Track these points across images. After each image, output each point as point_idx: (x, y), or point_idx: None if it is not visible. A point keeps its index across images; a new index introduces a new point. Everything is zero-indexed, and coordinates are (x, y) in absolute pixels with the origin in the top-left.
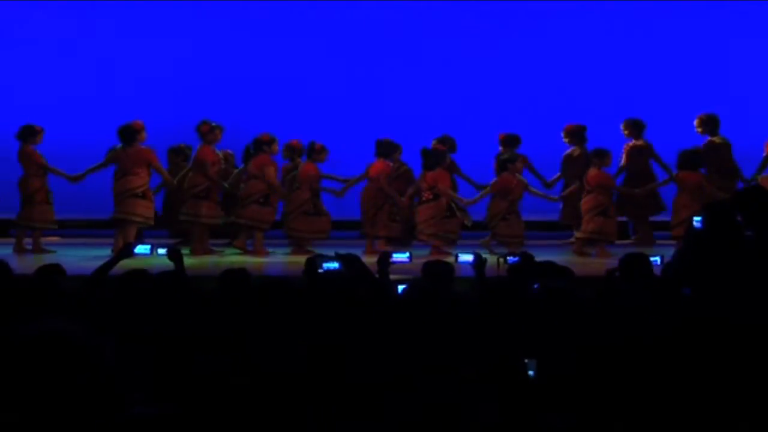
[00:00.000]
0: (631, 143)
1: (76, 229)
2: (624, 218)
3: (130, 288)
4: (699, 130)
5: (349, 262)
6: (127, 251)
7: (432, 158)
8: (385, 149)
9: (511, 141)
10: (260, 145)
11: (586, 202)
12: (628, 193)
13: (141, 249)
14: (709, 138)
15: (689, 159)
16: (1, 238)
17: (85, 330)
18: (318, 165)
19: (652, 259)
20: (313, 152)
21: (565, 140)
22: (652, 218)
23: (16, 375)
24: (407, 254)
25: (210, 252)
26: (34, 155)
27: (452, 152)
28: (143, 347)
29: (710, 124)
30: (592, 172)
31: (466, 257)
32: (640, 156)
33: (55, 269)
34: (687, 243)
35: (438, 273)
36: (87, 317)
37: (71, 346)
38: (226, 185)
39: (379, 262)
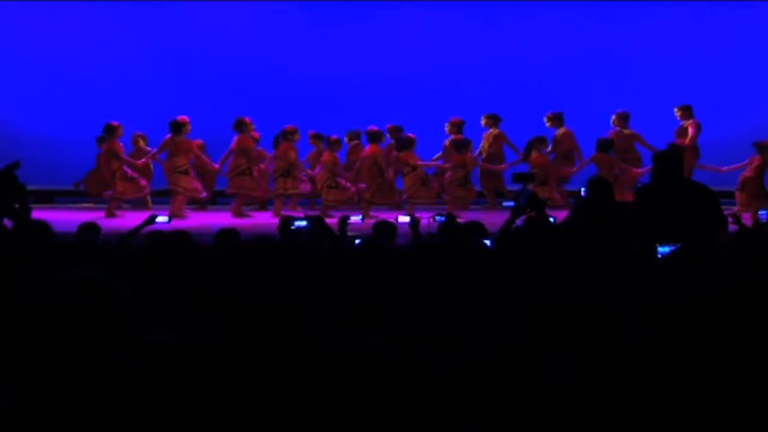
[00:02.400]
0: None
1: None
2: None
3: (150, 245)
4: (548, 124)
5: (315, 222)
6: (151, 220)
7: (399, 143)
8: (375, 136)
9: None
10: (285, 135)
11: None
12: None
13: (160, 219)
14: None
15: (603, 144)
16: (46, 203)
17: (109, 275)
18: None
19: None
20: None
21: (447, 128)
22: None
23: (55, 310)
24: (360, 216)
25: (246, 215)
26: (120, 149)
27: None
28: (160, 290)
29: (556, 120)
30: (533, 155)
31: (404, 219)
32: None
33: (91, 227)
34: (575, 207)
35: (384, 231)
36: (115, 266)
37: (98, 287)
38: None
39: (339, 222)
